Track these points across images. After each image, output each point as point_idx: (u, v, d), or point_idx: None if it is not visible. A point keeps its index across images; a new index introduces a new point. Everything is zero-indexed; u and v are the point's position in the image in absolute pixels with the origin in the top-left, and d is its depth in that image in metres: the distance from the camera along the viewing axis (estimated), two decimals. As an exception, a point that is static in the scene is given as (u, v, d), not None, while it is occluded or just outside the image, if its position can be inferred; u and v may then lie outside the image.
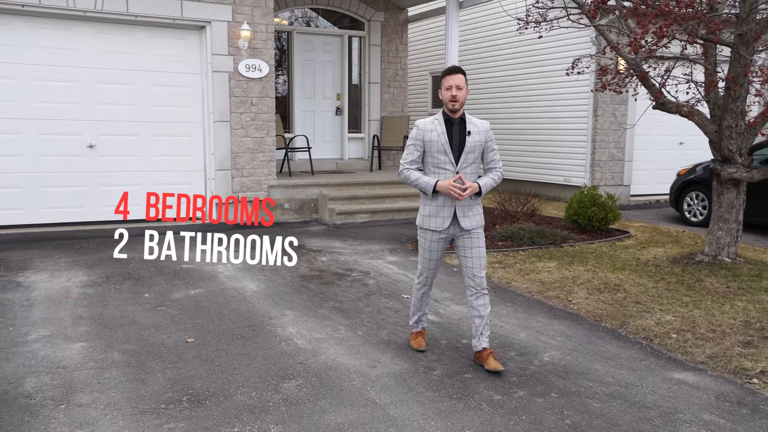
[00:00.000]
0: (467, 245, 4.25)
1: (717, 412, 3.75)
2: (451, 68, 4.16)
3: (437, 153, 4.17)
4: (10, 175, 8.24)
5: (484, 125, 4.26)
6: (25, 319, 4.99)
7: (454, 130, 4.17)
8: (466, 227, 4.23)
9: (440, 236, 4.27)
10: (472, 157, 4.20)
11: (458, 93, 4.07)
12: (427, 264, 4.40)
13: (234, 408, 3.62)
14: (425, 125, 4.21)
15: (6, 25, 8.09)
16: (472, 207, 4.25)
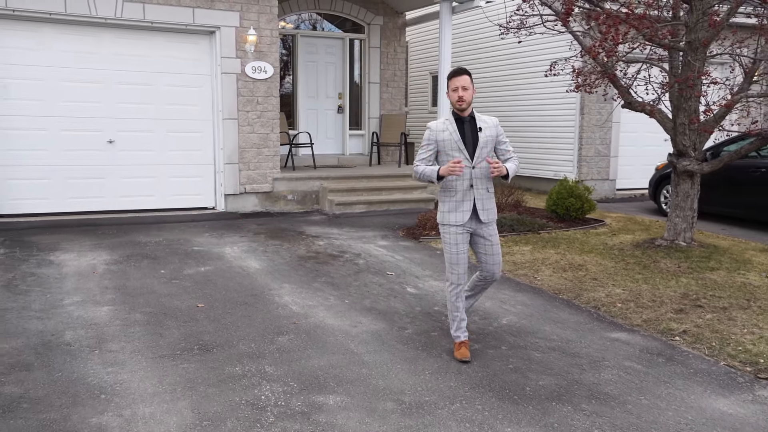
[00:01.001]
0: (486, 242, 4.46)
1: (637, 361, 4.50)
2: (457, 70, 4.34)
3: (452, 151, 4.34)
4: (38, 167, 9.08)
5: (493, 121, 4.44)
6: (59, 289, 5.80)
7: (465, 128, 4.34)
8: (483, 220, 4.41)
9: (462, 230, 4.40)
10: (486, 151, 4.36)
11: (464, 93, 4.25)
12: (455, 260, 4.43)
13: (236, 354, 4.41)
14: (437, 126, 4.40)
15: (34, 31, 8.92)
16: (488, 200, 4.44)
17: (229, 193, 10.04)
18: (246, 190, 10.13)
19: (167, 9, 9.38)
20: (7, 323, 4.88)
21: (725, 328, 5.10)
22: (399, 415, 3.62)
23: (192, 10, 9.54)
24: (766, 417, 3.71)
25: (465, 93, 4.26)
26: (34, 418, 3.46)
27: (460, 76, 4.29)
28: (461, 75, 4.29)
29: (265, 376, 4.06)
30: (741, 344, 4.77)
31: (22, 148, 9.00)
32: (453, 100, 4.29)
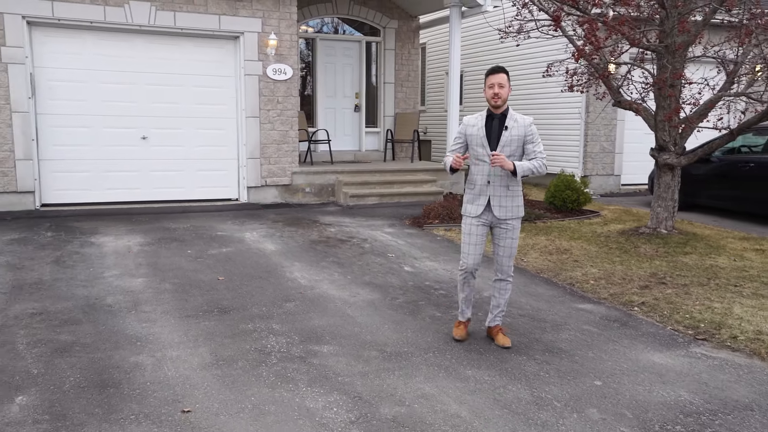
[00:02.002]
0: (501, 235, 4.60)
1: (594, 325, 5.20)
2: (495, 68, 4.46)
3: (476, 146, 4.53)
4: (80, 161, 10.02)
5: (525, 121, 4.50)
6: (100, 264, 6.67)
7: (493, 125, 4.48)
8: (499, 216, 4.53)
9: (477, 221, 4.57)
10: (509, 150, 4.44)
11: (500, 91, 4.38)
12: (466, 248, 4.63)
13: (249, 315, 5.21)
14: (469, 121, 4.60)
15: (77, 38, 9.85)
16: (507, 197, 4.52)
17: (252, 185, 10.88)
18: (267, 183, 10.97)
19: (196, 16, 10.25)
20: (58, 290, 5.75)
21: (680, 300, 5.76)
22: (380, 360, 4.38)
23: (218, 17, 10.40)
24: (690, 366, 4.39)
25: (501, 90, 4.38)
26: (85, 357, 4.29)
27: (498, 74, 4.40)
28: (499, 73, 4.41)
29: (272, 332, 4.86)
30: (689, 313, 5.44)
31: (66, 144, 9.94)
32: (489, 96, 4.43)
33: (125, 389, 3.83)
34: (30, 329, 4.78)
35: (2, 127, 9.49)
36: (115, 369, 4.11)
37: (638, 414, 3.71)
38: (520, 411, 3.71)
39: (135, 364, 4.20)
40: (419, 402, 3.78)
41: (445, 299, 5.79)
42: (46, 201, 9.94)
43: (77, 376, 4.00)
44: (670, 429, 3.55)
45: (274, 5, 10.71)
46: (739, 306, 5.57)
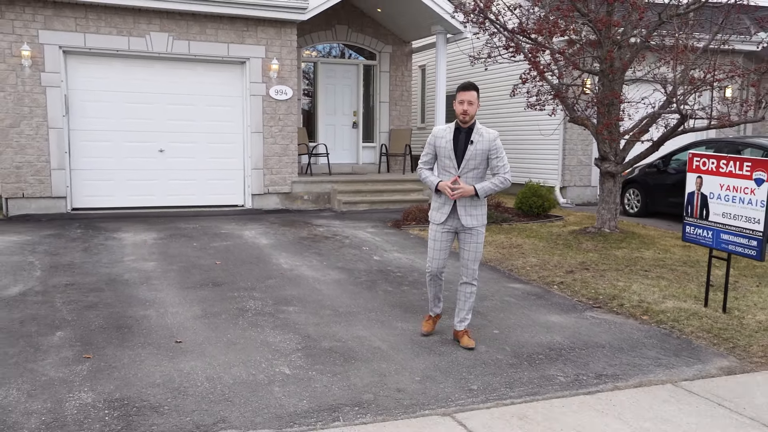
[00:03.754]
0: (466, 240, 4.83)
1: (514, 298, 6.43)
2: (466, 84, 4.64)
3: (444, 158, 4.72)
4: (105, 171, 11.47)
5: (490, 135, 4.68)
6: (120, 252, 8.04)
7: (460, 138, 4.65)
8: (466, 225, 4.75)
9: (442, 228, 4.82)
10: (473, 163, 4.64)
11: (469, 108, 4.58)
12: (431, 253, 4.90)
13: (237, 288, 6.52)
14: (438, 132, 4.77)
15: (105, 64, 11.34)
16: (475, 207, 4.75)
17: (256, 193, 12.24)
18: (269, 191, 12.33)
19: (207, 44, 11.70)
20: (86, 269, 7.11)
21: (593, 281, 6.96)
22: (332, 316, 5.66)
23: (227, 45, 11.84)
24: (575, 323, 5.61)
25: (470, 107, 4.57)
26: (107, 311, 5.62)
27: (469, 91, 4.60)
28: (469, 90, 4.61)
29: (252, 298, 6.16)
30: (595, 290, 6.64)
31: (94, 156, 11.40)
32: (458, 111, 4.61)
33: (135, 330, 5.16)
34: (65, 294, 6.13)
35: (40, 141, 10.97)
36: (128, 318, 5.44)
37: (515, 349, 4.95)
38: (426, 346, 4.96)
39: (143, 315, 5.53)
40: (353, 340, 5.05)
41: (400, 279, 7.05)
42: (76, 205, 11.38)
43: (100, 321, 5.33)
44: (534, 356, 4.78)
45: (276, 34, 12.14)
46: (637, 284, 6.77)
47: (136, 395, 3.95)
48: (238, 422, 3.65)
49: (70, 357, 4.54)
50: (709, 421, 3.80)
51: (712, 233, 5.89)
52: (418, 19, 13.52)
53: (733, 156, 5.71)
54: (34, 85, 10.87)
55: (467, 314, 4.98)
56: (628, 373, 4.54)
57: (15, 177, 10.85)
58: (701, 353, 4.96)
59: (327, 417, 3.76)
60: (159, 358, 4.55)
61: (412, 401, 3.99)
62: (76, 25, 10.99)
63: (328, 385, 4.19)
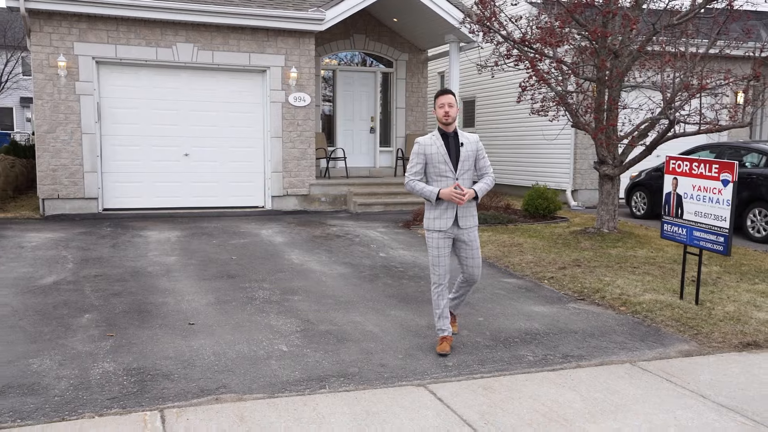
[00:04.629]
0: (464, 248, 4.90)
1: (505, 290, 6.91)
2: (443, 90, 4.86)
3: (438, 163, 4.75)
4: (133, 174, 12.19)
5: (473, 137, 4.88)
6: (145, 248, 8.69)
7: (450, 143, 4.77)
8: (463, 226, 4.85)
9: (445, 235, 4.85)
10: (467, 164, 4.81)
11: (450, 110, 4.72)
12: (436, 261, 4.87)
13: (249, 280, 7.10)
14: (425, 141, 4.82)
15: (134, 73, 12.08)
16: (470, 209, 4.89)
17: (275, 195, 12.87)
18: (288, 193, 12.95)
19: (230, 54, 12.37)
20: (114, 262, 7.77)
21: (582, 276, 7.41)
22: (332, 304, 6.21)
23: (249, 54, 12.51)
24: (556, 312, 6.08)
25: (451, 110, 4.73)
26: (130, 298, 6.25)
27: (447, 95, 4.78)
28: (447, 94, 4.79)
29: (261, 288, 6.74)
30: (582, 284, 7.09)
31: (123, 159, 12.13)
32: (440, 115, 4.77)
33: (154, 313, 5.77)
34: (93, 283, 6.79)
35: (75, 146, 11.73)
36: (149, 304, 6.06)
37: (494, 333, 5.45)
38: (413, 330, 5.48)
39: (162, 302, 6.14)
40: (348, 324, 5.59)
41: (401, 273, 7.58)
42: (107, 206, 12.12)
43: (124, 306, 5.96)
44: (510, 339, 5.27)
45: (295, 44, 12.77)
46: (622, 280, 7.20)
47: (151, 365, 4.54)
48: (236, 388, 4.21)
49: (96, 335, 5.16)
50: (653, 392, 4.26)
51: (686, 230, 6.32)
52: (433, 28, 14.04)
53: (703, 159, 6.13)
54: (69, 94, 11.64)
55: (461, 301, 5.24)
56: (593, 354, 5.01)
57: (51, 179, 11.63)
58: (665, 339, 5.40)
59: (315, 385, 4.30)
60: (173, 337, 5.14)
61: (392, 374, 4.52)
62: (108, 37, 11.74)
63: (320, 360, 4.74)
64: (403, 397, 4.15)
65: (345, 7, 12.67)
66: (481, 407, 4.01)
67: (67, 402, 3.95)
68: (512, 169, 16.87)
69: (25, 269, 7.32)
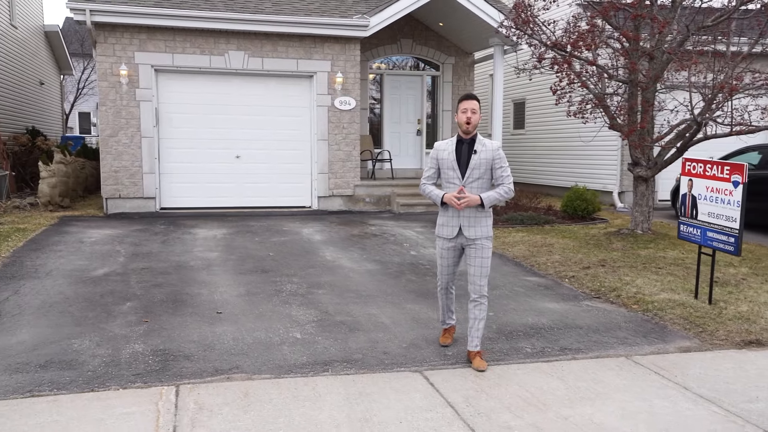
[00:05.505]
0: (472, 255, 4.76)
1: (523, 288, 7.14)
2: (467, 95, 4.70)
3: (447, 169, 4.72)
4: (188, 175, 12.91)
5: (493, 145, 4.69)
6: (192, 244, 9.30)
7: (463, 149, 4.68)
8: (469, 236, 4.71)
9: (450, 244, 4.82)
10: (477, 173, 4.65)
11: (473, 116, 4.61)
12: (440, 269, 4.98)
13: (281, 274, 7.57)
14: (440, 146, 4.79)
15: (189, 80, 12.81)
16: (479, 219, 4.70)
17: (321, 195, 13.37)
18: (333, 194, 13.43)
19: (278, 61, 12.95)
20: (160, 257, 8.38)
21: (603, 276, 7.55)
22: (353, 298, 6.59)
23: (296, 60, 13.06)
24: (568, 309, 6.29)
25: (473, 116, 4.62)
26: (169, 289, 6.80)
27: (471, 101, 4.65)
28: (471, 99, 4.65)
29: (291, 282, 7.19)
30: (601, 283, 7.24)
31: (179, 161, 12.87)
32: (461, 121, 4.64)
33: (188, 303, 6.29)
34: (139, 275, 7.39)
35: (135, 149, 12.53)
36: (184, 295, 6.59)
37: (501, 327, 5.71)
38: (423, 323, 5.81)
39: (197, 293, 6.66)
40: (362, 316, 5.97)
41: (426, 270, 7.89)
42: (164, 205, 12.88)
43: (162, 296, 6.51)
44: (514, 333, 5.53)
45: (341, 50, 13.24)
46: (643, 279, 7.31)
47: (176, 348, 5.03)
48: (248, 369, 4.65)
49: (133, 320, 5.70)
50: (638, 383, 4.46)
51: (700, 231, 6.41)
52: (477, 32, 14.26)
53: (716, 161, 6.22)
54: (130, 100, 12.45)
55: (480, 333, 4.83)
56: (591, 348, 5.22)
57: (113, 180, 12.46)
58: (668, 335, 5.54)
59: (319, 369, 4.69)
60: (200, 324, 5.64)
61: (392, 361, 4.86)
62: (165, 46, 12.49)
63: (328, 347, 5.13)
64: (397, 381, 4.49)
65: (388, 14, 13.06)
66: (468, 392, 4.31)
67: (98, 376, 4.46)
68: (559, 170, 16.90)
69: (81, 262, 8.00)
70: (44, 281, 7.00)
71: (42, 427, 3.70)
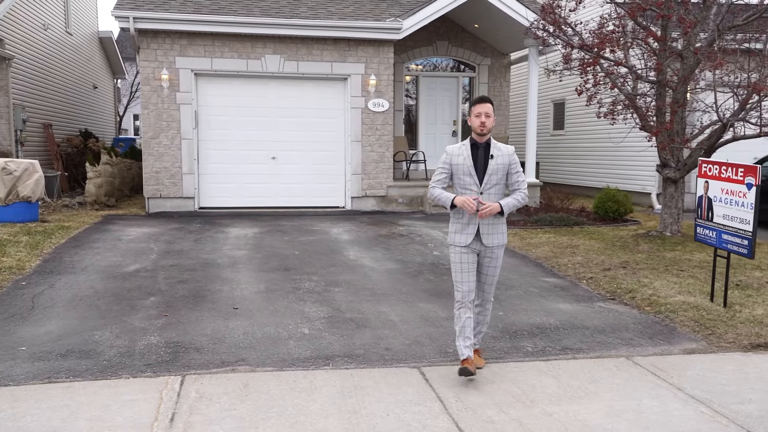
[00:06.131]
0: (486, 264, 4.60)
1: (539, 289, 7.18)
2: (481, 97, 4.51)
3: (463, 175, 4.50)
4: (225, 176, 13.31)
5: (508, 150, 4.54)
6: (222, 243, 9.61)
7: (479, 154, 4.49)
8: (487, 244, 4.51)
9: (466, 250, 4.54)
10: (495, 178, 4.48)
11: (487, 120, 4.41)
12: (459, 278, 4.56)
13: (302, 272, 7.79)
14: (453, 150, 4.58)
15: (226, 83, 13.20)
16: (496, 225, 4.53)
17: (354, 196, 13.59)
18: (366, 194, 13.62)
19: (313, 64, 13.23)
20: (191, 255, 8.71)
21: (622, 278, 7.52)
22: (367, 296, 6.76)
23: (331, 63, 13.31)
24: (580, 310, 6.32)
25: (487, 120, 4.42)
26: (193, 285, 7.10)
27: (484, 104, 4.46)
28: (485, 102, 4.46)
29: (310, 280, 7.40)
30: (618, 284, 7.22)
31: (216, 162, 13.27)
32: (475, 125, 4.47)
33: (208, 298, 6.56)
34: (167, 272, 7.71)
35: (175, 150, 12.99)
36: (206, 291, 6.87)
37: (507, 326, 5.79)
38: (431, 320, 5.93)
39: (218, 289, 6.94)
40: (372, 314, 6.13)
41: (445, 270, 7.99)
42: (203, 205, 13.30)
43: (185, 292, 6.80)
44: (518, 332, 5.61)
45: (374, 52, 13.44)
46: (661, 281, 7.26)
47: (188, 340, 5.29)
48: (252, 362, 4.86)
49: (153, 314, 6.00)
50: (631, 383, 4.50)
51: (715, 233, 6.35)
52: (513, 33, 14.24)
53: (730, 163, 6.15)
54: (171, 103, 12.90)
55: (482, 331, 4.80)
56: (593, 348, 5.26)
57: (154, 180, 12.93)
58: (675, 337, 5.53)
59: (321, 363, 4.87)
60: (215, 318, 5.89)
61: (393, 357, 5.01)
62: (204, 51, 12.91)
63: (333, 342, 5.31)
64: (393, 376, 4.64)
65: (421, 17, 13.19)
66: (460, 387, 4.43)
67: (112, 366, 4.74)
68: (598, 171, 16.72)
69: (115, 258, 8.39)
70: (78, 276, 7.38)
71: (53, 411, 3.98)
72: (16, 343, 5.18)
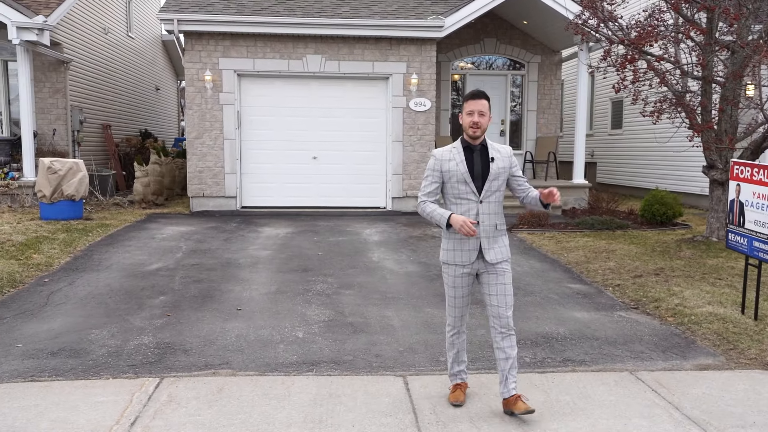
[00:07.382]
0: (492, 281, 3.95)
1: (559, 296, 6.84)
2: (475, 92, 3.93)
3: (457, 183, 3.90)
4: (266, 175, 13.39)
5: (506, 150, 4.01)
6: (251, 243, 9.64)
7: (475, 158, 3.91)
8: (490, 260, 3.92)
9: (464, 270, 3.97)
10: (496, 184, 3.91)
11: (481, 120, 3.86)
12: (453, 302, 4.08)
13: (319, 274, 7.69)
14: (442, 154, 3.99)
15: (268, 83, 13.28)
16: (498, 238, 3.96)
17: (395, 196, 13.43)
18: (407, 195, 13.44)
19: (355, 63, 13.14)
20: (215, 254, 8.76)
21: (651, 286, 7.08)
22: (377, 299, 6.60)
23: (372, 63, 13.19)
24: (595, 320, 5.98)
25: (481, 119, 3.86)
26: (207, 284, 7.11)
27: (479, 100, 3.88)
28: (480, 98, 3.89)
29: (324, 282, 7.30)
30: (646, 293, 6.80)
31: (257, 162, 13.37)
32: (466, 124, 3.89)
33: (215, 299, 6.54)
34: (186, 271, 7.76)
35: (217, 150, 13.16)
36: (217, 291, 6.86)
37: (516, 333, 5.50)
38: (432, 326, 5.72)
39: (229, 290, 6.92)
40: (375, 318, 5.96)
41: (466, 274, 7.73)
42: (244, 204, 13.43)
43: (195, 292, 6.81)
44: (522, 341, 5.32)
45: (417, 51, 13.24)
46: (692, 291, 6.78)
47: (179, 342, 5.26)
48: (236, 365, 4.78)
49: (157, 314, 6.02)
50: (626, 400, 4.17)
51: (746, 240, 5.88)
52: (562, 29, 13.76)
53: (762, 165, 5.67)
54: (214, 104, 13.08)
55: (514, 373, 3.97)
56: (597, 361, 4.93)
57: (198, 180, 13.15)
58: (692, 351, 5.13)
59: (304, 369, 4.74)
60: (215, 320, 5.85)
61: (381, 365, 4.83)
62: (247, 52, 13.02)
63: (323, 347, 5.17)
64: (374, 384, 4.46)
65: (463, 14, 12.91)
66: (439, 398, 4.22)
67: (97, 365, 4.76)
68: (655, 172, 15.97)
69: (142, 257, 8.52)
70: (100, 274, 7.52)
71: (22, 410, 4.00)
72: (14, 339, 5.28)
